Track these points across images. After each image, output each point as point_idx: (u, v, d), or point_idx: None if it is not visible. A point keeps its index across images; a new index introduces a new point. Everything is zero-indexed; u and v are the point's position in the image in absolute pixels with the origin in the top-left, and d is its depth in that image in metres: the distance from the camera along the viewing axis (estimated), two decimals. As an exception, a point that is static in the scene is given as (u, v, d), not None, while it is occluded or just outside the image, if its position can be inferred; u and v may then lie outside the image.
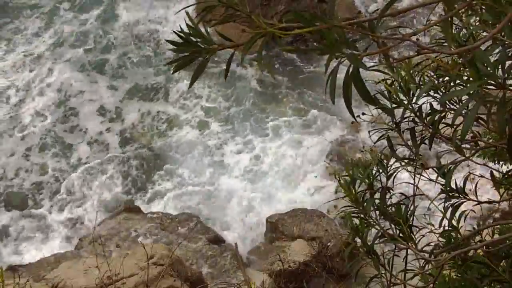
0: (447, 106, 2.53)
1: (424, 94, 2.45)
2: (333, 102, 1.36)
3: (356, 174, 2.68)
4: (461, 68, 1.94)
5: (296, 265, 8.31)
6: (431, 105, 2.57)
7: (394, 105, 2.59)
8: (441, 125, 2.54)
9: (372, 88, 1.88)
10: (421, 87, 2.49)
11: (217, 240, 9.16)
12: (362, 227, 2.65)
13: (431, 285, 2.67)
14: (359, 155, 9.90)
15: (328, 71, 1.42)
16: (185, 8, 1.59)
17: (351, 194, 2.66)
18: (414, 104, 2.54)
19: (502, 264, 2.47)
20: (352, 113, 1.49)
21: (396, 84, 2.56)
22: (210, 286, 7.60)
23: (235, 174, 11.12)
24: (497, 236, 2.66)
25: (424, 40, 2.34)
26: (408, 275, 2.68)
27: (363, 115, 2.85)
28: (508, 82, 1.73)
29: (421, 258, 2.50)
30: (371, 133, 2.94)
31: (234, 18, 1.45)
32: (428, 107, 2.57)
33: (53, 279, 6.67)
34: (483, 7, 2.02)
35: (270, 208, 10.38)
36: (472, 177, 2.95)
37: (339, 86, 1.45)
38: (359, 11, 13.23)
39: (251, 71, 12.72)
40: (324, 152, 11.13)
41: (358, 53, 1.35)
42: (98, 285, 6.01)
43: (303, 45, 11.69)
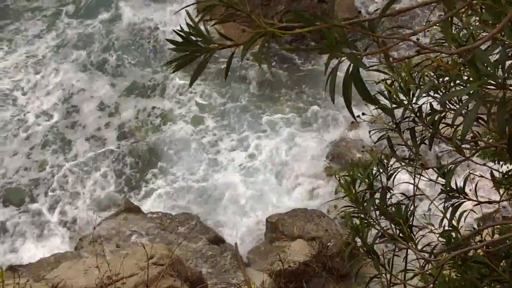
0: (447, 106, 2.53)
1: (424, 94, 2.45)
2: (333, 101, 1.36)
3: (356, 174, 2.68)
4: (461, 68, 1.94)
5: (296, 265, 8.31)
6: (431, 105, 2.57)
7: (394, 105, 2.59)
8: (441, 125, 2.54)
9: (372, 88, 1.88)
10: (421, 87, 2.49)
11: (217, 240, 9.15)
12: (362, 227, 2.65)
13: (431, 285, 2.66)
14: (359, 155, 9.90)
15: (328, 71, 1.42)
16: (186, 7, 1.58)
17: (351, 194, 2.66)
18: (414, 104, 2.54)
19: (502, 264, 2.47)
20: (352, 113, 1.49)
21: (396, 84, 2.56)
22: (210, 286, 7.60)
23: (230, 172, 11.14)
24: (497, 236, 2.66)
25: (424, 41, 2.34)
26: (408, 275, 2.68)
27: (363, 115, 2.85)
28: (508, 82, 1.73)
29: (421, 258, 2.50)
30: (371, 133, 2.94)
31: (234, 18, 1.45)
32: (428, 107, 2.57)
33: (53, 279, 6.67)
34: (483, 7, 2.02)
35: (265, 207, 10.39)
36: (472, 177, 2.95)
37: (338, 85, 1.45)
38: (359, 11, 13.24)
39: (250, 69, 12.75)
40: (323, 151, 11.13)
41: (358, 53, 1.35)
42: (98, 285, 6.01)
43: (303, 45, 11.69)
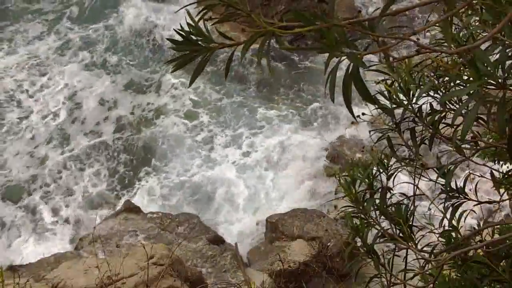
0: (447, 106, 2.53)
1: (424, 94, 2.45)
2: (333, 101, 1.36)
3: (356, 174, 2.68)
4: (461, 68, 1.94)
5: (296, 265, 8.31)
6: (431, 105, 2.57)
7: (394, 105, 2.59)
8: (441, 125, 2.54)
9: (372, 88, 1.88)
10: (421, 87, 2.49)
11: (217, 240, 9.15)
12: (362, 227, 2.64)
13: (431, 285, 2.66)
14: (359, 155, 9.90)
15: (328, 70, 1.42)
16: (186, 6, 1.58)
17: (351, 194, 2.66)
18: (414, 104, 2.54)
19: (502, 264, 2.46)
20: (352, 113, 1.49)
21: (396, 85, 2.56)
22: (210, 286, 7.60)
23: (225, 169, 11.16)
24: (497, 236, 2.66)
25: (424, 41, 2.34)
26: (408, 275, 2.68)
27: (363, 115, 2.85)
28: (508, 82, 1.73)
29: (421, 258, 2.50)
30: (371, 133, 2.94)
31: (235, 17, 1.45)
32: (428, 107, 2.57)
33: (53, 279, 6.67)
34: (483, 7, 2.02)
35: (263, 206, 10.39)
36: (472, 177, 2.95)
37: (337, 85, 1.45)
38: (359, 10, 13.25)
39: (247, 67, 12.76)
40: (323, 150, 11.12)
41: (358, 52, 1.35)
42: (98, 285, 6.01)
43: (303, 44, 11.69)
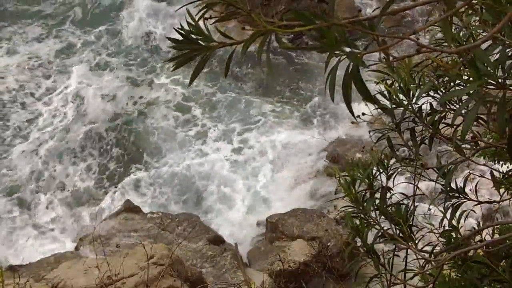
0: (447, 106, 2.53)
1: (424, 94, 2.45)
2: (333, 100, 1.36)
3: (356, 174, 2.68)
4: (461, 68, 1.94)
5: (296, 265, 8.31)
6: (431, 105, 2.57)
7: (394, 106, 2.58)
8: (441, 125, 2.54)
9: (372, 88, 1.88)
10: (421, 87, 2.49)
11: (217, 240, 9.15)
12: (362, 227, 2.64)
13: (431, 285, 2.66)
14: (359, 155, 9.89)
15: (328, 69, 1.41)
16: (186, 5, 1.58)
17: (351, 194, 2.66)
18: (414, 104, 2.53)
19: (502, 264, 2.47)
20: (352, 113, 1.49)
21: (396, 85, 2.56)
22: (210, 286, 7.60)
23: (219, 166, 11.16)
24: (497, 236, 2.66)
25: (424, 42, 2.34)
26: (408, 275, 2.68)
27: (363, 115, 2.84)
28: (508, 82, 1.73)
29: (421, 258, 2.50)
30: (372, 134, 2.94)
31: (235, 16, 1.45)
32: (428, 107, 2.56)
33: (53, 279, 6.68)
34: (483, 7, 2.02)
35: (260, 206, 10.40)
36: (472, 177, 2.95)
37: (336, 84, 1.45)
38: (359, 10, 13.27)
39: (245, 64, 12.77)
40: (321, 150, 11.12)
41: (358, 52, 1.35)
42: (98, 285, 6.01)
43: (304, 43, 11.70)
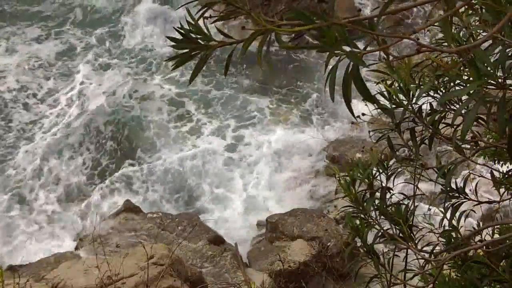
0: (447, 106, 2.53)
1: (424, 94, 2.45)
2: (333, 100, 1.36)
3: (356, 174, 2.68)
4: (461, 68, 1.94)
5: (296, 265, 8.31)
6: (431, 105, 2.57)
7: (394, 106, 2.58)
8: (441, 125, 2.53)
9: (372, 89, 1.87)
10: (421, 88, 2.49)
11: (217, 240, 9.15)
12: (362, 227, 2.64)
13: (431, 285, 2.66)
14: (359, 155, 9.89)
15: (328, 69, 1.41)
16: (186, 4, 1.58)
17: (351, 194, 2.66)
18: (414, 105, 2.53)
19: (502, 264, 2.47)
20: (352, 112, 1.49)
21: (396, 85, 2.56)
22: (210, 286, 7.60)
23: (213, 163, 11.17)
24: (497, 236, 2.66)
25: (424, 42, 2.33)
26: (408, 275, 2.68)
27: (363, 115, 2.84)
28: (508, 82, 1.73)
29: (421, 258, 2.50)
30: (372, 134, 2.94)
31: (235, 15, 1.45)
32: (428, 107, 2.56)
33: (53, 279, 6.68)
34: (483, 7, 2.02)
35: (259, 204, 10.41)
36: (472, 177, 2.95)
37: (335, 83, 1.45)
38: (359, 9, 13.30)
39: (242, 61, 12.77)
40: (321, 149, 11.11)
41: (358, 51, 1.34)
42: (98, 285, 6.01)
43: (304, 43, 11.71)
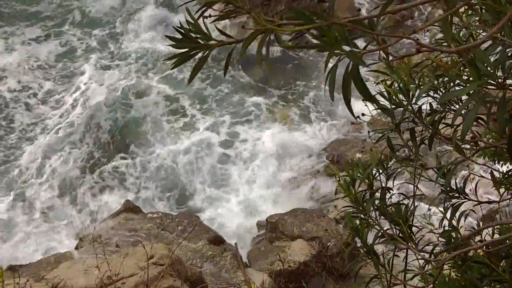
0: (447, 106, 2.53)
1: (424, 95, 2.45)
2: (332, 100, 1.36)
3: (356, 174, 2.68)
4: (461, 68, 1.94)
5: (296, 265, 8.31)
6: (431, 106, 2.57)
7: (394, 106, 2.58)
8: (441, 125, 2.53)
9: (372, 89, 1.87)
10: (421, 88, 2.48)
11: (217, 240, 9.15)
12: (362, 228, 2.64)
13: (431, 285, 2.66)
14: (359, 155, 9.89)
15: (328, 68, 1.41)
16: (186, 3, 1.58)
17: (351, 195, 2.66)
18: (414, 105, 2.53)
19: (502, 264, 2.46)
20: (352, 112, 1.48)
21: (396, 85, 2.56)
22: (210, 286, 7.60)
23: (208, 161, 11.17)
24: (497, 236, 2.66)
25: (424, 42, 2.33)
26: (408, 275, 2.68)
27: (363, 116, 2.84)
28: (508, 82, 1.73)
29: (421, 258, 2.50)
30: (372, 134, 2.93)
31: (234, 15, 1.45)
32: (428, 108, 2.56)
33: (53, 279, 6.68)
34: (483, 7, 2.02)
35: (257, 203, 10.43)
36: (472, 177, 2.95)
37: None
38: (359, 9, 13.31)
39: (238, 60, 12.80)
40: (321, 149, 11.11)
41: (358, 51, 1.34)
42: (98, 285, 6.01)
43: (304, 42, 11.72)
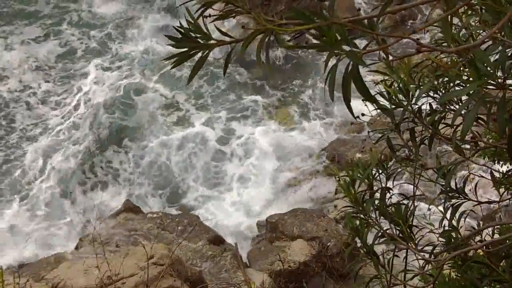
0: (447, 107, 2.53)
1: (424, 95, 2.44)
2: (332, 100, 1.36)
3: (356, 175, 2.67)
4: (461, 68, 1.93)
5: (296, 265, 8.31)
6: (431, 106, 2.57)
7: (394, 106, 2.58)
8: (441, 126, 2.53)
9: (371, 89, 1.87)
10: (421, 88, 2.48)
11: (217, 240, 9.15)
12: (362, 228, 2.64)
13: (431, 285, 2.66)
14: (359, 155, 9.89)
15: (328, 68, 1.41)
16: (186, 3, 1.58)
17: (351, 195, 2.65)
18: (414, 105, 2.53)
19: (502, 264, 2.46)
20: (352, 112, 1.48)
21: (396, 85, 2.55)
22: (210, 286, 7.60)
23: (204, 159, 11.20)
24: (497, 236, 2.66)
25: (424, 42, 2.33)
26: (408, 276, 2.68)
27: (363, 116, 2.84)
28: (508, 82, 1.73)
29: (421, 259, 2.50)
30: (372, 134, 2.93)
31: (234, 14, 1.45)
32: (428, 108, 2.56)
33: (53, 279, 6.68)
34: (483, 7, 2.02)
35: (257, 203, 10.45)
36: (472, 177, 2.95)
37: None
38: (359, 9, 13.34)
39: (236, 59, 12.83)
40: (320, 149, 11.11)
41: (358, 51, 1.34)
42: (98, 285, 6.01)
43: (304, 42, 11.73)
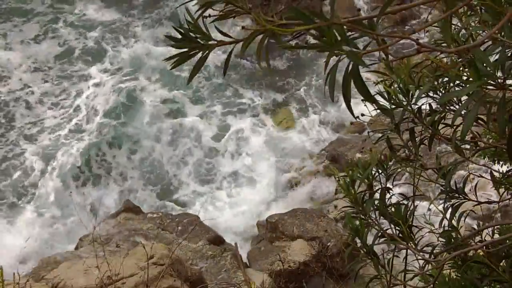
0: (447, 107, 2.53)
1: (424, 95, 2.45)
2: (332, 100, 1.36)
3: (356, 175, 2.67)
4: (461, 68, 1.94)
5: (296, 265, 8.31)
6: (431, 106, 2.57)
7: (393, 106, 2.58)
8: (441, 126, 2.53)
9: (370, 89, 1.87)
10: (420, 88, 2.48)
11: (217, 240, 9.16)
12: (362, 228, 2.64)
13: (431, 286, 2.66)
14: (359, 155, 9.89)
15: (328, 68, 1.41)
16: (186, 3, 1.58)
17: (351, 195, 2.65)
18: (414, 105, 2.53)
19: (502, 264, 2.46)
20: (352, 113, 1.48)
21: (395, 85, 2.56)
22: (210, 286, 7.60)
23: (199, 157, 11.21)
24: (497, 236, 2.66)
25: (424, 42, 2.33)
26: (408, 276, 2.68)
27: (363, 116, 2.84)
28: (508, 82, 1.73)
29: (421, 259, 2.50)
30: (371, 134, 2.94)
31: (234, 14, 1.45)
32: (428, 108, 2.56)
33: (53, 279, 6.67)
34: (483, 8, 2.02)
35: (257, 203, 10.46)
36: (472, 177, 2.95)
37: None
38: (359, 9, 13.31)
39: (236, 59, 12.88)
40: (320, 149, 11.11)
41: (358, 51, 1.34)
42: (98, 285, 6.00)
43: (304, 42, 11.75)
